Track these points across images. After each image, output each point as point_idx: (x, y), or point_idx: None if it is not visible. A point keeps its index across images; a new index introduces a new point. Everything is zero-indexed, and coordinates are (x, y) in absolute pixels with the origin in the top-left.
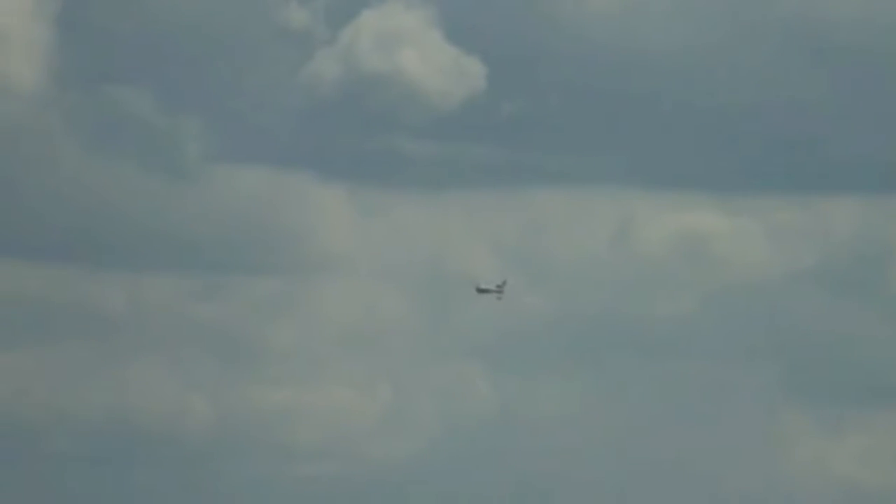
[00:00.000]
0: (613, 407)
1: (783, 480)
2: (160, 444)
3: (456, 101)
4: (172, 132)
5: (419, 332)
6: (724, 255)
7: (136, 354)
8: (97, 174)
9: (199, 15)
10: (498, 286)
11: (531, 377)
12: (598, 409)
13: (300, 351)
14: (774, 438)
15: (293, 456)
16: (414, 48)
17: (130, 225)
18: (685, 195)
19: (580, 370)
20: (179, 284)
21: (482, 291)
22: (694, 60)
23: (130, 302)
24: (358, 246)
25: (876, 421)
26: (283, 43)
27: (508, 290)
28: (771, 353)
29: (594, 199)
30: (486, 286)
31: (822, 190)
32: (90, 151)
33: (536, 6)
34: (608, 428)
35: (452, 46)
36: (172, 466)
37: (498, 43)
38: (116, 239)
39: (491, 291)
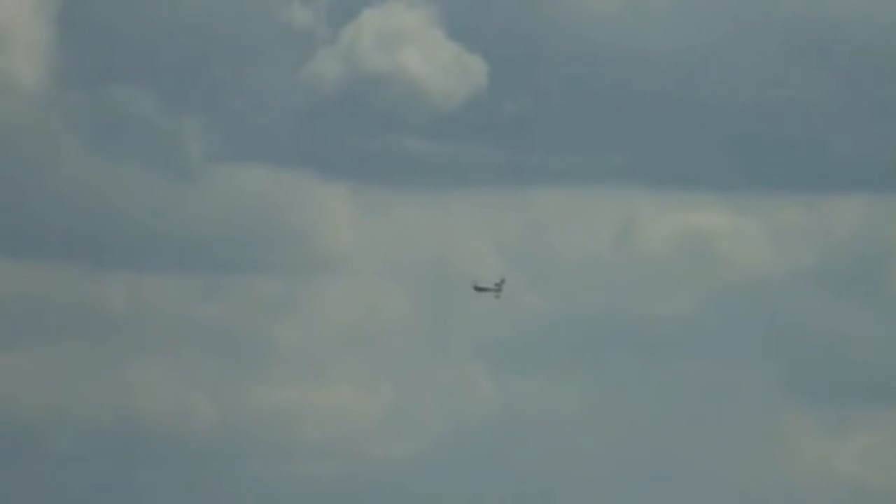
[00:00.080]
0: (616, 406)
1: (785, 480)
2: (162, 443)
3: (458, 99)
4: (174, 132)
5: (421, 331)
6: (726, 254)
7: (137, 354)
8: (99, 174)
9: (200, 14)
10: (496, 285)
11: (534, 376)
12: (600, 408)
13: (302, 350)
14: (777, 438)
15: (295, 455)
16: (415, 47)
17: (132, 224)
18: (688, 194)
19: (582, 369)
20: (181, 284)
21: (480, 290)
22: (696, 59)
23: (132, 301)
24: (360, 245)
25: (879, 421)
26: (284, 42)
27: (512, 289)
28: (774, 352)
29: (597, 197)
30: (483, 285)
31: (825, 189)
32: (92, 151)
33: (538, 5)
34: (610, 427)
35: (454, 45)
36: (174, 466)
37: (500, 41)
38: (118, 238)
39: (489, 290)
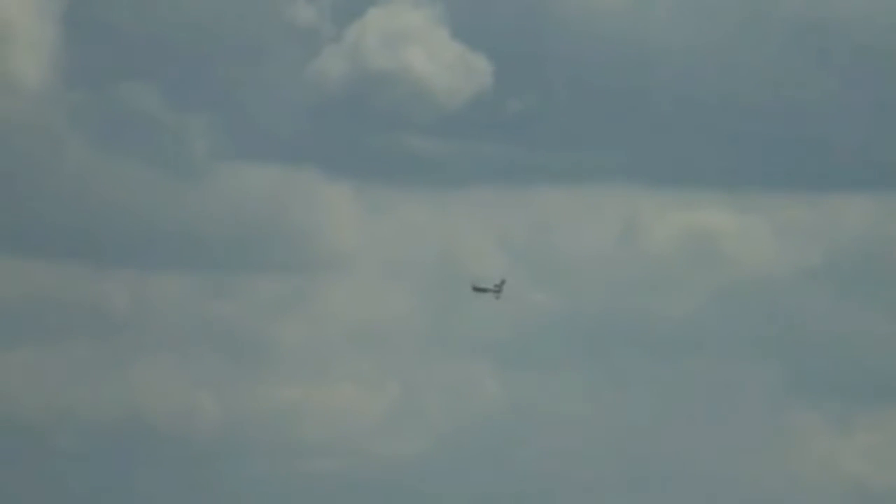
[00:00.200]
0: (620, 404)
1: (790, 478)
2: (166, 442)
3: (463, 98)
4: (179, 130)
5: (426, 329)
6: (731, 252)
7: (142, 352)
8: (103, 172)
9: (205, 12)
10: (496, 285)
11: (537, 375)
12: (605, 406)
13: (307, 349)
14: (782, 436)
15: (300, 453)
16: (420, 46)
17: (137, 223)
18: (692, 193)
19: (587, 368)
20: (185, 282)
21: (479, 290)
22: (701, 58)
23: (137, 300)
24: (364, 243)
25: (884, 418)
26: (289, 41)
27: (516, 287)
28: (778, 350)
29: (601, 196)
30: (483, 285)
31: (829, 188)
32: (96, 149)
33: (543, 4)
34: (615, 425)
35: (459, 44)
36: (179, 464)
37: (504, 41)
38: (122, 237)
39: (489, 291)
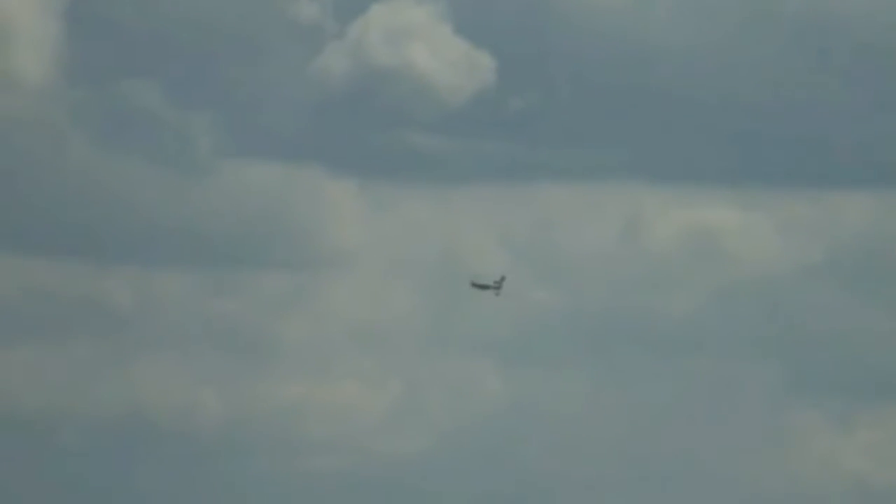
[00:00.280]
0: (622, 402)
1: (792, 476)
2: (170, 438)
3: (466, 95)
4: (182, 127)
5: (429, 327)
6: (733, 250)
7: (145, 350)
8: (106, 169)
9: (208, 9)
10: (496, 282)
11: (540, 373)
12: (607, 404)
13: (309, 346)
14: (783, 434)
15: (302, 451)
16: (423, 42)
17: (140, 220)
18: (695, 190)
19: (589, 366)
20: (188, 279)
21: (479, 287)
22: (704, 55)
23: (140, 297)
24: (368, 241)
25: (885, 416)
26: (292, 37)
27: (518, 285)
28: (780, 347)
29: (604, 193)
30: (482, 282)
31: (832, 185)
32: (99, 146)
33: (546, 1)
34: (616, 423)
35: (462, 41)
36: (181, 462)
37: (508, 37)
38: (125, 234)
39: (489, 288)
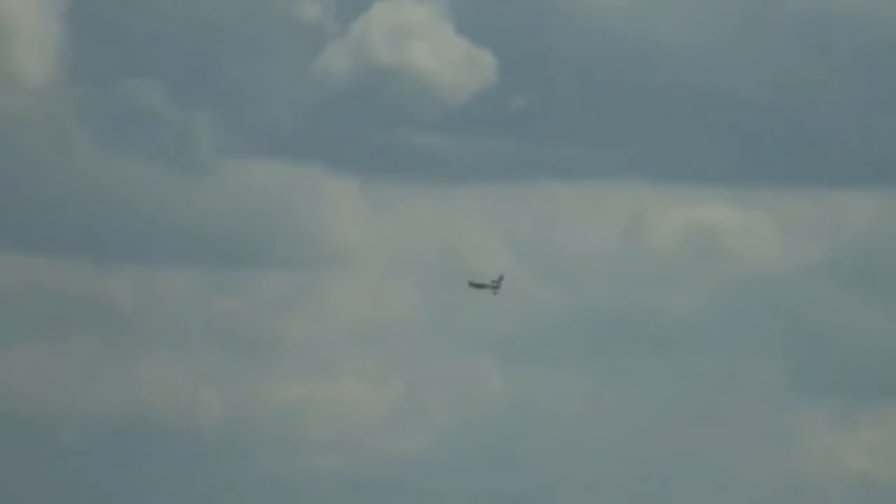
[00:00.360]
0: (624, 401)
1: (794, 474)
2: (171, 438)
3: (467, 94)
4: (184, 126)
5: (430, 325)
6: (735, 248)
7: (146, 349)
8: (108, 168)
9: (209, 9)
10: (493, 282)
11: (542, 371)
12: (608, 402)
13: (311, 345)
14: (784, 431)
15: (303, 449)
16: (425, 41)
17: (142, 219)
18: (696, 188)
19: (591, 364)
20: (190, 278)
21: (476, 286)
22: (705, 54)
23: (141, 296)
24: (369, 240)
25: (887, 414)
26: (294, 37)
27: (520, 283)
28: (781, 346)
29: (605, 192)
30: (480, 281)
31: (833, 183)
32: (101, 145)
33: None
34: (618, 422)
35: (463, 40)
36: (183, 460)
37: (509, 37)
38: (127, 233)
39: (485, 287)
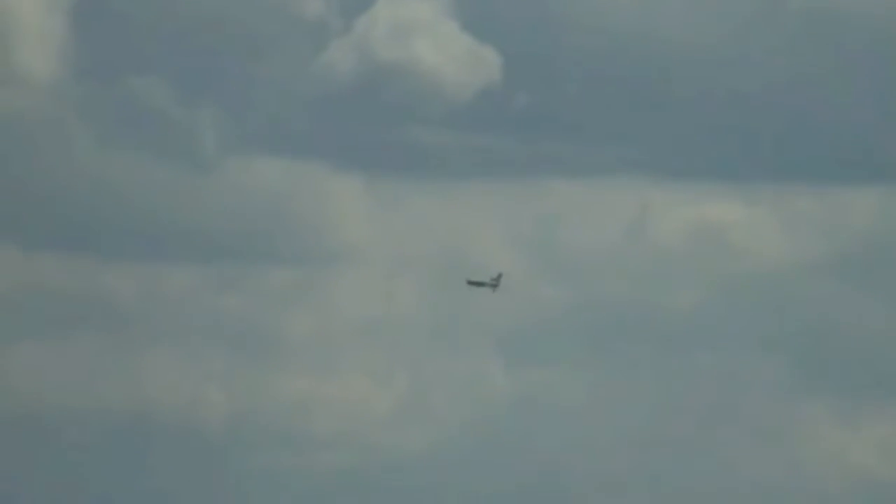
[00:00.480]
0: (627, 398)
1: (799, 471)
2: (176, 434)
3: (471, 91)
4: (188, 123)
5: (435, 322)
6: (738, 245)
7: (151, 345)
8: (112, 165)
9: (213, 6)
10: (492, 279)
11: (547, 368)
12: (613, 399)
13: (315, 342)
14: (789, 429)
15: (309, 446)
16: (429, 38)
17: (146, 216)
18: (701, 185)
19: (596, 361)
20: (194, 275)
21: (474, 285)
22: (710, 50)
23: (146, 293)
24: (373, 237)
25: (891, 411)
26: (298, 34)
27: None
28: (786, 343)
29: (610, 189)
30: (477, 279)
31: (837, 181)
32: (105, 143)
33: None
34: (622, 419)
35: (468, 37)
36: (188, 457)
37: (513, 33)
38: (132, 230)
39: (484, 285)
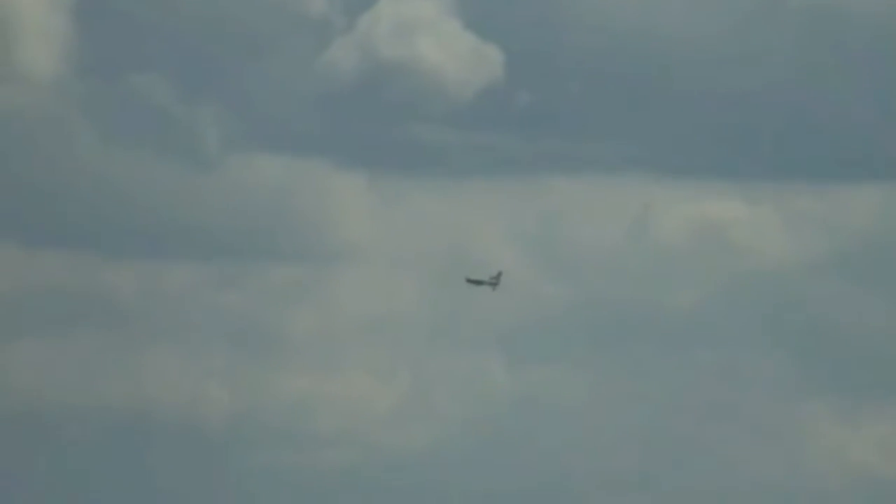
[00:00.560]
0: (631, 396)
1: (800, 469)
2: (176, 432)
3: (474, 89)
4: (190, 121)
5: (437, 320)
6: (741, 243)
7: (152, 343)
8: (114, 163)
9: (216, 4)
10: (492, 278)
11: (549, 366)
12: (615, 398)
13: (317, 339)
14: (791, 426)
15: (310, 444)
16: (432, 36)
17: (148, 213)
18: (704, 184)
19: (598, 359)
20: (196, 273)
21: (474, 283)
22: (712, 49)
23: (148, 290)
24: (376, 234)
25: (892, 409)
26: (300, 32)
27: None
28: (787, 341)
29: (612, 187)
30: (476, 277)
31: (839, 179)
32: (108, 140)
33: None
34: (625, 417)
35: (470, 35)
36: (189, 455)
37: (516, 31)
38: (134, 227)
39: (484, 283)
